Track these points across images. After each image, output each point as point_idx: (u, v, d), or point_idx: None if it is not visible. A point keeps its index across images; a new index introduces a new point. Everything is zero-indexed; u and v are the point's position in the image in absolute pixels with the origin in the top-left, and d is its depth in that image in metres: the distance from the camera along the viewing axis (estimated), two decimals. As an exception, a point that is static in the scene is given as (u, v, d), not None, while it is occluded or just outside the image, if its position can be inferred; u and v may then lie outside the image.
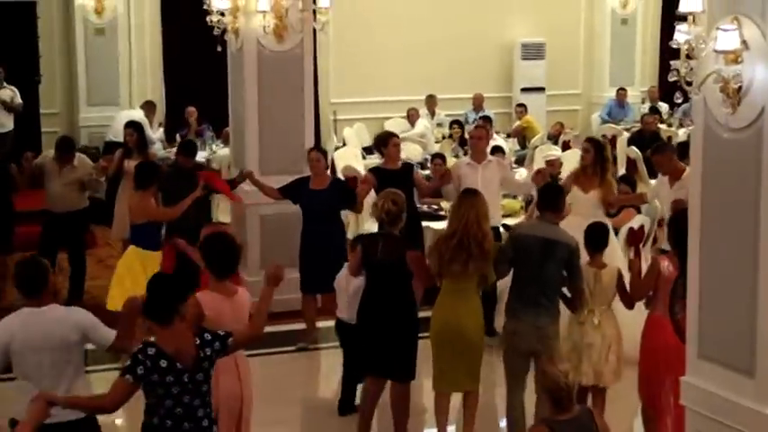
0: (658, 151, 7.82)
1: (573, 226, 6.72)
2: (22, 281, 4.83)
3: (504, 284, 6.66)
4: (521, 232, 6.23)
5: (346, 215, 11.49)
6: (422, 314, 6.35)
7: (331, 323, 7.27)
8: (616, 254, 7.08)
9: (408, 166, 8.32)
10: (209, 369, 4.44)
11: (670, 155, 7.63)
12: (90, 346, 4.95)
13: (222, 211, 11.43)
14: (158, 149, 13.31)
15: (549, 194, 6.35)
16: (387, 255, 6.13)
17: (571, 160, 11.24)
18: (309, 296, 8.10)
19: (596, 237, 6.31)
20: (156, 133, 12.86)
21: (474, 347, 6.07)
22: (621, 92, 15.23)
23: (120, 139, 12.41)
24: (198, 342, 4.41)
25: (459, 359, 6.07)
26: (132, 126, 9.93)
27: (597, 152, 7.80)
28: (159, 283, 4.53)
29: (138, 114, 12.68)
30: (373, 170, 8.34)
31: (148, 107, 13.03)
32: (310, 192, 8.02)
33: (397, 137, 8.56)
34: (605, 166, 7.84)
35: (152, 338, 4.40)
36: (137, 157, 9.31)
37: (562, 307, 6.16)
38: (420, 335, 6.30)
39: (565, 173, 9.59)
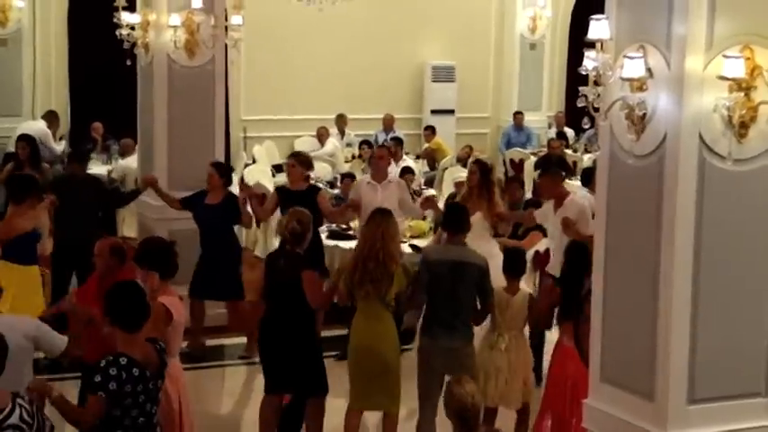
0: (544, 174, 7.90)
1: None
2: None
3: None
4: (432, 258, 6.22)
5: (254, 232, 11.43)
6: (327, 333, 6.31)
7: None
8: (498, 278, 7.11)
9: (314, 189, 8.29)
10: (163, 375, 4.48)
11: (554, 178, 7.70)
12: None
13: (128, 226, 11.19)
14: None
15: (454, 215, 6.40)
16: (288, 273, 6.09)
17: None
18: (197, 301, 8.19)
19: (515, 263, 6.38)
20: (59, 146, 12.53)
21: (390, 369, 6.06)
22: (518, 115, 15.42)
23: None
24: (158, 348, 4.47)
25: (375, 381, 6.05)
26: (25, 139, 9.73)
27: (483, 174, 7.93)
28: (126, 289, 4.51)
29: (40, 125, 12.36)
30: (278, 189, 8.34)
31: (51, 118, 12.68)
32: (205, 205, 8.12)
33: (297, 157, 8.47)
34: (491, 188, 7.97)
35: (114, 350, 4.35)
36: (29, 171, 9.06)
37: (476, 329, 6.21)
38: (325, 354, 6.28)
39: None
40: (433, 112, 15.70)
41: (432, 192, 9.73)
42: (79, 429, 4.49)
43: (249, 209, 8.34)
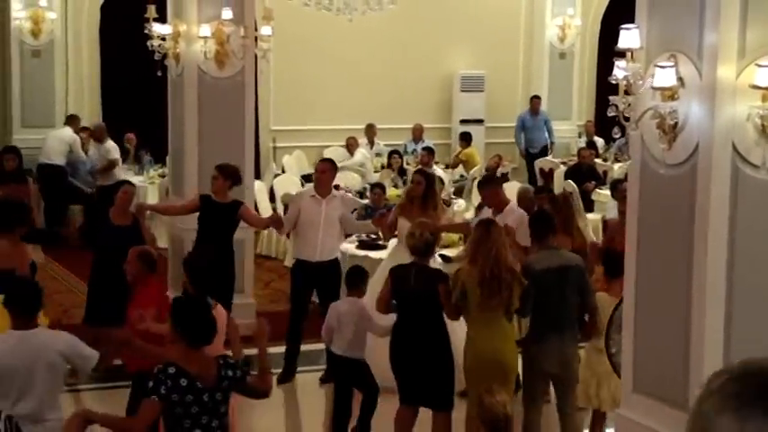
0: (485, 185, 7.86)
1: (398, 256, 7.10)
2: (16, 300, 4.84)
3: None
4: (537, 269, 6.22)
5: (284, 242, 11.47)
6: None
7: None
8: None
9: (236, 203, 8.06)
10: (228, 390, 4.48)
11: (496, 189, 7.75)
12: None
13: (160, 236, 11.28)
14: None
15: (541, 222, 6.48)
16: (422, 286, 6.17)
17: (509, 193, 11.30)
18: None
19: (615, 263, 6.26)
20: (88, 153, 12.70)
21: (510, 380, 6.10)
22: (535, 100, 15.35)
23: (54, 159, 12.30)
24: (221, 362, 4.46)
25: (498, 388, 6.04)
26: (13, 151, 9.86)
27: (428, 185, 7.92)
28: (195, 305, 4.60)
29: (68, 133, 12.50)
30: (202, 197, 8.12)
31: (73, 122, 12.79)
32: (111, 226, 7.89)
33: (220, 168, 8.00)
34: (435, 199, 8.01)
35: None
36: (14, 184, 9.18)
37: None
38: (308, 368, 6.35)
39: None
40: (463, 121, 15.69)
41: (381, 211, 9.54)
42: None
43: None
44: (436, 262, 8.00)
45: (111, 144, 12.43)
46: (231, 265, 8.07)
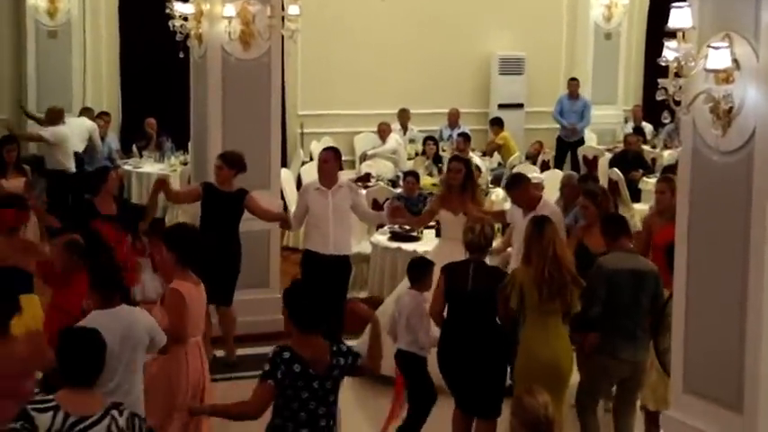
0: (514, 186, 7.76)
1: (445, 252, 7.13)
2: (100, 278, 5.05)
3: None
4: (609, 268, 6.18)
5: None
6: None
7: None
8: None
9: (242, 192, 8.11)
10: (339, 379, 4.65)
11: (525, 187, 7.67)
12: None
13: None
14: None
15: (615, 222, 6.45)
16: (480, 285, 6.13)
17: (550, 182, 11.32)
18: (220, 307, 8.14)
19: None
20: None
21: (565, 386, 6.09)
22: (573, 82, 15.07)
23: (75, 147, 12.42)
24: (333, 350, 4.62)
25: (554, 394, 6.00)
26: (13, 141, 9.94)
27: (467, 172, 7.89)
28: (307, 290, 4.70)
29: (88, 122, 12.59)
30: (204, 185, 8.17)
31: (88, 114, 12.85)
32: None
33: (223, 157, 8.09)
34: (474, 187, 8.00)
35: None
36: (14, 175, 9.25)
37: None
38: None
39: (549, 197, 9.59)
40: (501, 106, 15.67)
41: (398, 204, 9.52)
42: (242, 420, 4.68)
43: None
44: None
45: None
46: (235, 258, 8.07)
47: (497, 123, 14.63)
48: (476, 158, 12.76)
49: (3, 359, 4.60)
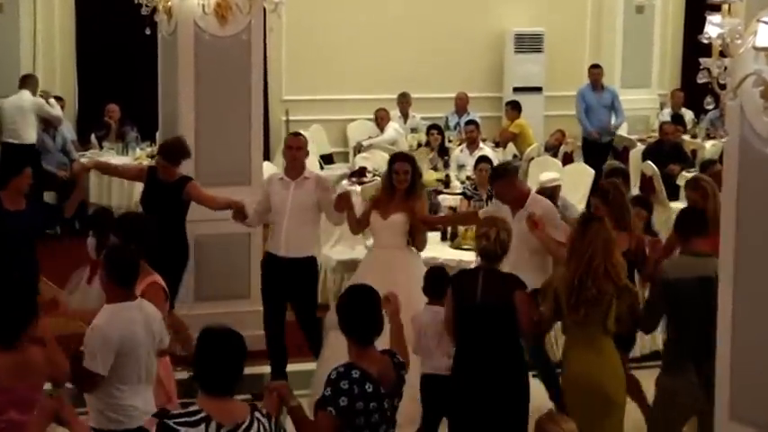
0: (498, 178, 7.73)
1: (372, 263, 7.52)
2: (117, 269, 5.27)
3: None
4: (672, 277, 6.12)
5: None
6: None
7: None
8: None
9: (183, 180, 8.22)
10: (401, 396, 4.75)
11: (511, 181, 7.65)
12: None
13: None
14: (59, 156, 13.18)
15: (689, 218, 6.38)
16: (492, 295, 6.10)
17: (574, 177, 11.33)
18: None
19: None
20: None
21: (614, 405, 6.05)
22: (595, 70, 14.57)
23: (24, 137, 12.41)
24: (395, 362, 4.77)
25: (597, 420, 5.99)
26: None
27: (414, 168, 7.87)
28: (361, 298, 4.81)
29: (28, 98, 12.57)
30: (150, 170, 8.41)
31: (30, 84, 12.76)
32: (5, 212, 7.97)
33: (160, 158, 8.34)
34: (421, 188, 8.04)
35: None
36: None
37: None
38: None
39: (569, 194, 9.61)
40: (516, 89, 15.67)
41: (354, 188, 9.51)
42: None
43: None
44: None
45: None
46: (178, 256, 8.13)
47: (514, 108, 14.60)
48: (487, 149, 12.77)
49: (16, 369, 4.75)
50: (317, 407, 4.58)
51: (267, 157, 12.24)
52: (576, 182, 11.81)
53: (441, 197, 10.77)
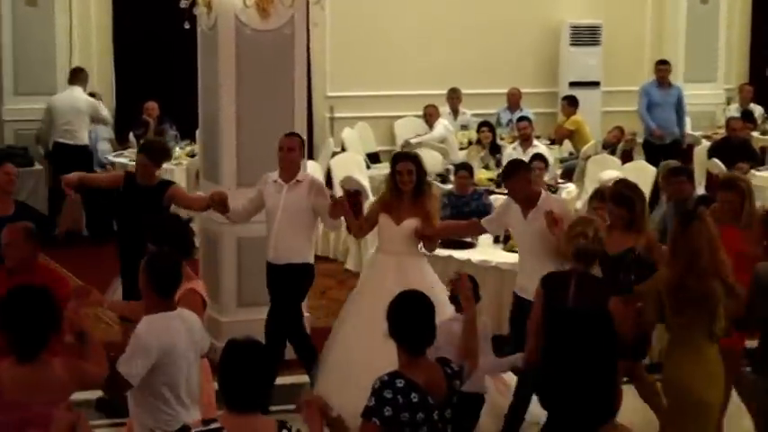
0: (510, 175, 7.52)
1: (380, 269, 7.56)
2: (159, 278, 5.30)
3: None
4: (760, 276, 6.11)
5: (344, 240, 11.53)
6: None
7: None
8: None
9: (164, 184, 8.20)
10: (455, 406, 4.75)
11: (526, 177, 7.51)
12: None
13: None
14: (105, 151, 13.36)
15: None
16: (588, 301, 6.07)
17: (634, 176, 11.22)
18: None
19: None
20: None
21: (709, 414, 6.04)
22: (662, 67, 14.01)
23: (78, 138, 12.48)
24: (448, 372, 4.76)
25: (691, 427, 6.02)
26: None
27: (420, 172, 7.77)
28: (413, 303, 4.84)
29: (83, 98, 12.67)
30: (127, 176, 8.34)
31: (80, 79, 12.90)
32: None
33: (143, 156, 8.24)
34: (429, 189, 7.93)
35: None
36: None
37: None
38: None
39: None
40: (572, 84, 15.63)
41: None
42: None
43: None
44: None
45: None
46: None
47: (571, 103, 14.55)
48: (541, 147, 12.72)
49: (32, 384, 4.77)
50: (363, 417, 4.57)
51: (311, 155, 12.29)
52: (637, 181, 11.71)
53: (492, 197, 10.72)
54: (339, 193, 11.90)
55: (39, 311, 4.84)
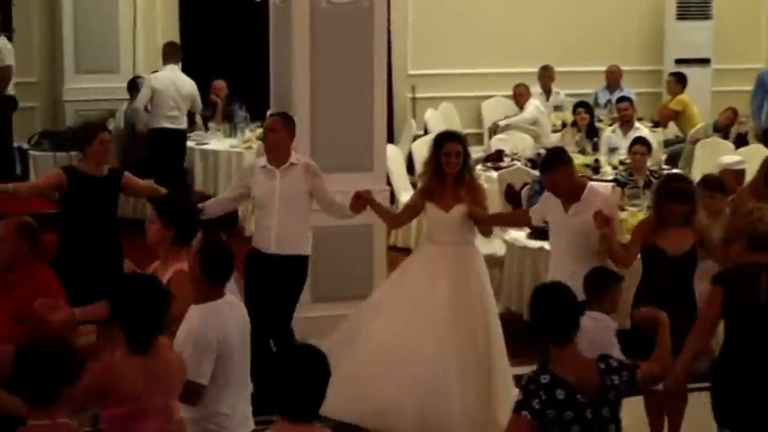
0: (552, 167, 7.36)
1: (429, 260, 7.54)
2: (214, 265, 5.44)
3: None
4: None
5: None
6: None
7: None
8: None
9: (115, 174, 8.26)
10: (617, 403, 4.82)
11: (569, 169, 7.39)
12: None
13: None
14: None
15: None
16: None
17: (750, 162, 11.08)
18: None
19: None
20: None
21: None
22: None
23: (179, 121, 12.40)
24: (602, 368, 4.78)
25: None
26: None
27: (465, 151, 7.70)
28: (555, 293, 4.93)
29: (188, 81, 12.55)
30: (68, 171, 8.22)
31: (175, 54, 12.73)
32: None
33: (107, 131, 8.42)
34: (471, 172, 7.84)
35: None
36: None
37: None
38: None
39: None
40: (679, 61, 15.46)
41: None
42: None
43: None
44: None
45: None
46: (115, 260, 7.83)
47: (679, 81, 14.43)
48: (644, 130, 12.62)
49: (152, 376, 4.90)
50: (513, 411, 4.69)
51: (391, 139, 12.31)
52: (754, 167, 11.57)
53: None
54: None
55: (151, 300, 4.97)
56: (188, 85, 12.51)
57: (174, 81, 12.44)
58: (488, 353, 7.48)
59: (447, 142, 7.71)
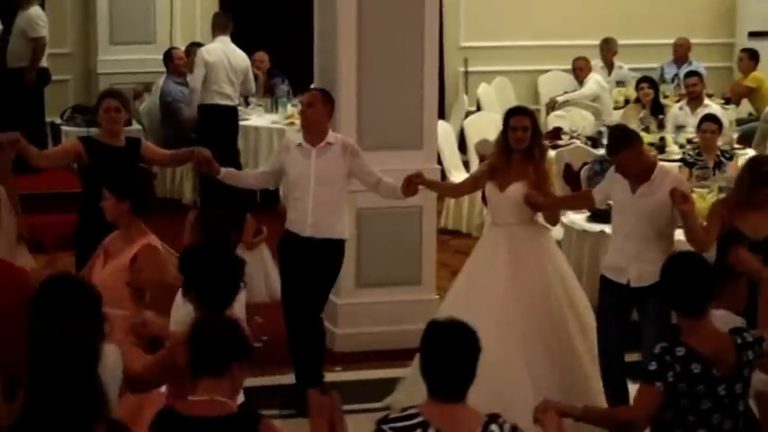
0: (622, 147, 7.24)
1: (489, 245, 7.56)
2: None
3: None
4: None
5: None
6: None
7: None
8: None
9: (135, 143, 8.33)
10: (749, 379, 4.93)
11: (639, 149, 7.32)
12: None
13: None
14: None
15: None
16: None
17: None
18: None
19: None
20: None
21: None
22: None
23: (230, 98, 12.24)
24: (739, 342, 4.90)
25: None
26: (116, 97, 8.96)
27: (534, 131, 7.65)
28: (691, 266, 5.08)
29: (241, 54, 12.44)
30: (84, 141, 8.31)
31: (227, 26, 12.51)
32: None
33: (116, 98, 8.40)
34: (542, 151, 7.78)
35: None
36: None
37: None
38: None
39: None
40: (753, 34, 15.39)
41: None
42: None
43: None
44: None
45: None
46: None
47: (752, 57, 14.35)
48: (714, 107, 12.55)
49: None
50: (642, 381, 4.83)
51: (442, 115, 12.30)
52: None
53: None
54: (473, 158, 11.98)
55: (224, 269, 5.27)
56: (240, 59, 12.41)
57: (228, 54, 12.31)
58: (568, 333, 7.46)
59: (513, 116, 7.70)
